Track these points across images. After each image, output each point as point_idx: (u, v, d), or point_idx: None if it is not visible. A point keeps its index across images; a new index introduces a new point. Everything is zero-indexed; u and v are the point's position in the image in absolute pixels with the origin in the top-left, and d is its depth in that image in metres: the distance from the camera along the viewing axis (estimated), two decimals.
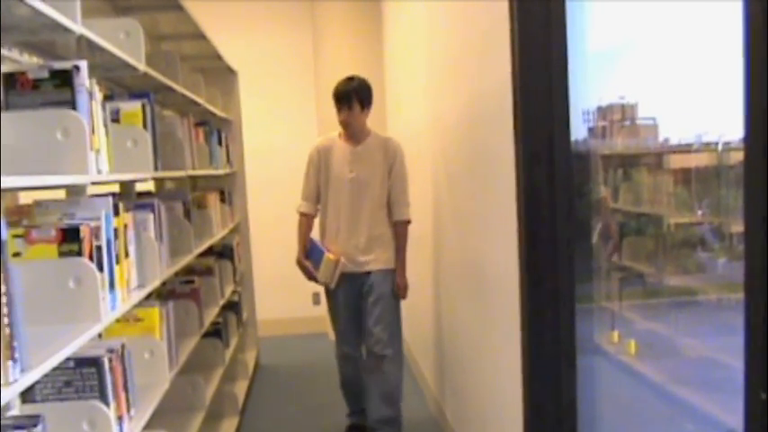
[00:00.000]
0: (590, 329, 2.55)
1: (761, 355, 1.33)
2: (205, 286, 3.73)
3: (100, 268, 1.94)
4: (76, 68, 1.93)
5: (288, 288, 6.04)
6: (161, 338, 2.61)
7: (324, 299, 4.12)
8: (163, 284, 2.80)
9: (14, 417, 1.62)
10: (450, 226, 3.85)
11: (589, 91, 2.42)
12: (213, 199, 4.19)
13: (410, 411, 4.32)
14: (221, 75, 5.40)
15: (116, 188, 3.05)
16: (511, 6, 2.34)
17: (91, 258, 1.91)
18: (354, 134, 3.91)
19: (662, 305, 2.63)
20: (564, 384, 2.35)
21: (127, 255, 2.25)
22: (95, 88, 2.07)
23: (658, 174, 2.46)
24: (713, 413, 2.20)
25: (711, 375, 2.26)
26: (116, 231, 2.12)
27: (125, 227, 2.24)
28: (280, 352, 6.16)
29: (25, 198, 2.18)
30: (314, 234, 4.03)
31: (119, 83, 3.11)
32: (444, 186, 3.92)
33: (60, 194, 2.27)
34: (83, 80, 1.94)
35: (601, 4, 2.41)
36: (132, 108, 2.53)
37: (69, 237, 1.88)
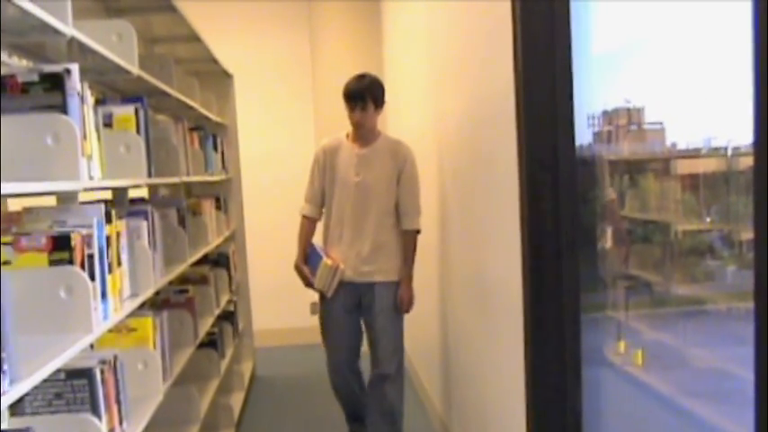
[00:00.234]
0: (596, 340, 2.51)
1: None
2: (200, 295, 3.68)
3: (92, 277, 1.91)
4: (67, 72, 1.91)
5: (285, 297, 5.97)
6: (154, 349, 2.59)
7: None
8: (156, 294, 2.78)
9: (3, 430, 1.62)
10: (454, 234, 3.75)
11: (594, 94, 2.38)
12: (208, 206, 4.16)
13: (412, 426, 4.26)
14: (216, 78, 5.35)
15: (108, 195, 3.01)
16: (513, 7, 2.31)
17: (82, 267, 1.89)
18: (364, 135, 3.75)
19: (670, 315, 2.58)
20: (569, 397, 2.31)
21: (119, 263, 2.22)
22: (87, 92, 2.04)
23: (665, 180, 2.42)
24: (722, 425, 2.16)
25: (721, 386, 2.22)
26: (108, 239, 2.10)
27: (117, 234, 2.21)
28: (277, 363, 6.09)
29: (15, 205, 2.15)
30: (316, 239, 3.89)
31: (111, 87, 3.08)
32: (450, 193, 3.84)
33: (51, 201, 2.24)
34: (74, 84, 1.92)
35: (606, 5, 2.38)
36: (125, 113, 2.51)
37: (60, 245, 1.86)
